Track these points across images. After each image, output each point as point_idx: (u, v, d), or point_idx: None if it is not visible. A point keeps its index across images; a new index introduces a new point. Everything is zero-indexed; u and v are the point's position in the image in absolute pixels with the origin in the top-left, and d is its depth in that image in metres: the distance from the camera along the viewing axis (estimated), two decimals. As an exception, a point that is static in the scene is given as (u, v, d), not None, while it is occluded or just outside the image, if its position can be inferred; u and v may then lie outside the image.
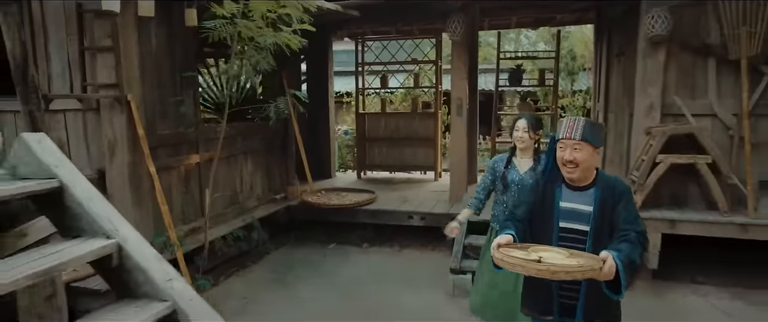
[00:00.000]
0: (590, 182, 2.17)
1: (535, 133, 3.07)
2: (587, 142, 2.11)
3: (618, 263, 1.85)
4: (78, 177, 1.97)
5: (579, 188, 2.17)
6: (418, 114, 7.51)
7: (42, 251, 1.72)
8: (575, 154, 2.11)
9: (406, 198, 6.10)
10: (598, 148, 2.16)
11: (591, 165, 2.16)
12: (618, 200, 2.11)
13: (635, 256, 1.95)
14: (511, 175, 3.12)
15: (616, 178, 2.25)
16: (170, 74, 4.24)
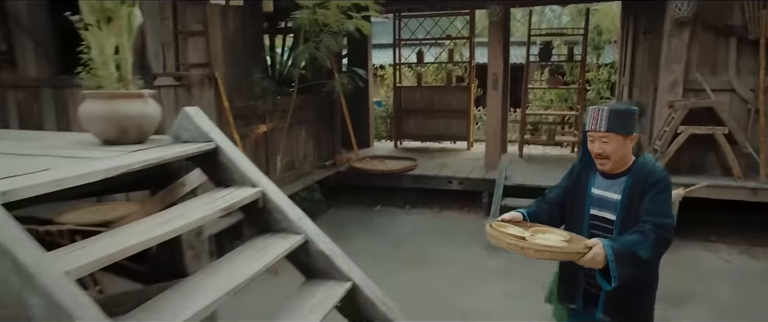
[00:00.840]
0: (624, 170, 2.09)
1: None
2: (614, 133, 2.02)
3: (608, 252, 1.81)
4: (225, 140, 2.57)
5: (612, 175, 2.10)
6: (451, 87, 8.00)
7: (214, 195, 2.33)
8: (604, 146, 2.03)
9: (445, 164, 6.68)
10: (629, 136, 2.04)
11: (623, 155, 2.06)
12: (647, 190, 2.00)
13: (640, 249, 1.86)
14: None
15: (655, 167, 2.11)
16: (244, 54, 4.82)
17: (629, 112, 2.08)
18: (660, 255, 1.99)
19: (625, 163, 2.09)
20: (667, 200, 2.00)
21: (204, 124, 2.56)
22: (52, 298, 1.36)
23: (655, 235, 1.89)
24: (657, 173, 2.04)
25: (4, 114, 5.24)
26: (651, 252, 1.89)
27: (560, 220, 2.22)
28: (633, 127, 2.08)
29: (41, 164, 1.99)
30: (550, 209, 2.25)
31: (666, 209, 1.98)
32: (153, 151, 2.28)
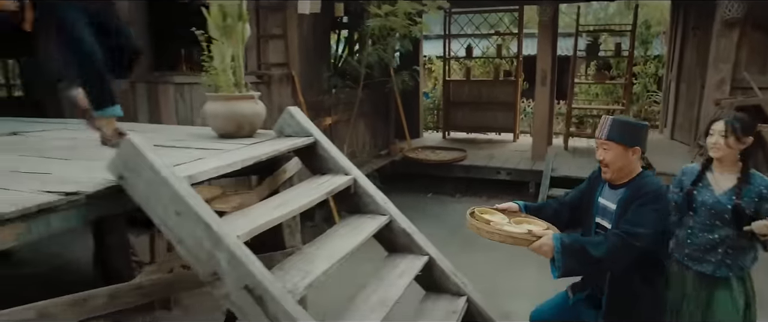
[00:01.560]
0: (626, 182, 2.16)
1: (738, 141, 2.19)
2: (615, 142, 2.10)
3: (556, 244, 1.98)
4: (321, 134, 3.06)
5: (616, 186, 2.19)
6: (499, 81, 8.31)
7: (317, 182, 2.83)
8: (604, 154, 2.14)
9: (493, 155, 7.05)
10: (631, 147, 2.10)
11: (624, 165, 2.13)
12: (636, 201, 2.07)
13: (594, 248, 1.99)
14: (702, 195, 2.28)
15: (650, 181, 2.14)
16: (314, 53, 5.32)
17: (634, 125, 2.19)
18: (620, 260, 2.05)
19: (626, 174, 2.16)
20: (648, 213, 2.04)
21: (304, 121, 3.06)
22: (233, 254, 1.88)
23: (618, 239, 2.00)
24: (648, 186, 2.10)
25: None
26: (606, 254, 1.99)
27: (569, 221, 2.35)
28: (636, 141, 2.14)
29: (189, 153, 2.53)
30: (559, 208, 2.40)
31: (642, 219, 2.03)
32: (268, 145, 2.79)
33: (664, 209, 2.14)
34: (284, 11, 4.65)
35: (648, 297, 2.19)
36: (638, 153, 2.16)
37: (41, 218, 1.77)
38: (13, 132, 3.38)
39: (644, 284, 2.18)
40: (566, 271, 2.03)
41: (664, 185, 2.18)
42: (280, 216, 2.31)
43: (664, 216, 2.14)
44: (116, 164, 1.99)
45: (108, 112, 2.50)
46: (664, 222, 2.15)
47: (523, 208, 2.40)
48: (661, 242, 2.22)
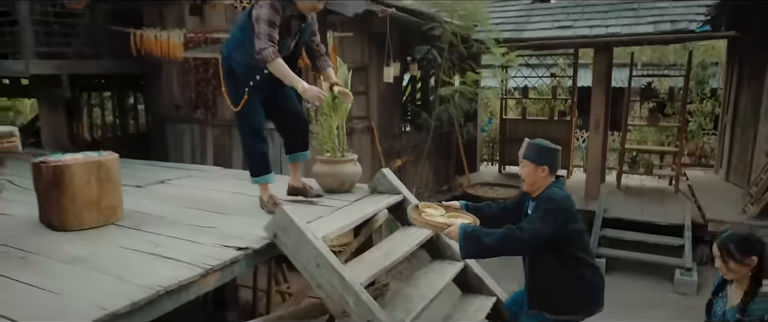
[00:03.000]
0: (537, 195, 2.62)
1: (739, 263, 2.10)
2: (528, 161, 2.60)
3: (460, 231, 2.49)
4: (407, 192, 3.73)
5: (533, 198, 2.67)
6: (554, 120, 8.77)
7: (407, 232, 3.49)
8: (521, 170, 2.67)
9: (547, 194, 7.50)
10: (540, 166, 2.56)
11: (535, 180, 2.60)
12: (537, 207, 2.55)
13: (487, 237, 2.45)
14: (717, 305, 2.32)
15: (554, 194, 2.54)
16: (390, 105, 6.04)
17: (544, 148, 2.63)
18: (508, 248, 2.49)
19: (538, 188, 2.62)
20: (542, 217, 2.47)
21: (394, 181, 3.75)
22: (358, 297, 2.55)
23: (508, 232, 2.46)
24: (548, 196, 2.54)
25: (203, 143, 6.90)
26: (496, 241, 2.45)
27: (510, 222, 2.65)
28: (545, 161, 2.59)
29: (310, 211, 3.24)
30: (499, 212, 2.89)
31: (533, 219, 2.51)
32: (370, 203, 3.47)
33: (555, 210, 2.50)
34: (367, 71, 5.40)
35: (563, 285, 2.61)
36: (547, 171, 2.61)
37: (228, 268, 2.51)
38: (160, 180, 4.26)
39: (558, 273, 2.60)
40: (467, 253, 2.56)
41: (561, 194, 2.57)
42: (390, 264, 3.00)
43: (553, 217, 2.48)
44: (272, 226, 2.72)
45: (262, 179, 3.23)
46: (554, 222, 2.48)
47: (464, 206, 2.93)
48: (562, 237, 2.54)
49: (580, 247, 2.67)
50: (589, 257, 2.71)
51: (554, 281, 2.62)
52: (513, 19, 7.03)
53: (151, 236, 2.78)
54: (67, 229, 2.89)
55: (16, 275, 2.28)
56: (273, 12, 2.82)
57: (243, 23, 2.99)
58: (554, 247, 2.56)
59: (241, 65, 3.04)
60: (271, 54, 2.82)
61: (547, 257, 2.61)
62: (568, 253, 2.60)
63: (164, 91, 7.07)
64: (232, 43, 3.08)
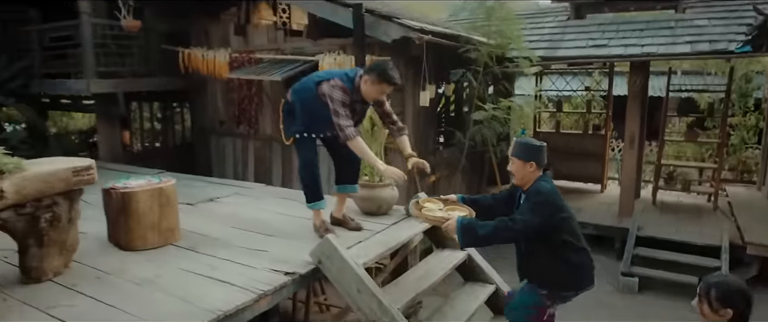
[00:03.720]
0: (527, 189, 2.86)
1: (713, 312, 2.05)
2: (516, 157, 2.84)
3: (457, 225, 2.72)
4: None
5: (524, 191, 2.90)
6: (588, 135, 8.76)
7: (442, 256, 3.67)
8: (511, 166, 2.90)
9: (580, 208, 7.50)
10: (527, 162, 2.80)
11: (523, 175, 2.84)
12: (527, 200, 2.79)
13: (480, 228, 2.69)
14: None
15: (542, 188, 2.77)
16: (424, 123, 6.22)
17: (529, 145, 2.88)
18: (501, 237, 2.75)
19: (527, 182, 2.86)
20: (531, 209, 2.72)
21: (429, 206, 3.91)
22: (394, 318, 2.75)
23: (500, 223, 2.70)
24: (536, 189, 2.78)
25: (245, 156, 7.25)
26: (489, 233, 2.69)
27: (502, 214, 2.88)
28: (531, 157, 2.82)
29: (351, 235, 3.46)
30: (494, 203, 3.13)
31: (526, 212, 2.72)
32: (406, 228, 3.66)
33: (543, 202, 2.73)
34: (403, 92, 5.60)
35: (553, 268, 2.84)
36: (534, 166, 2.84)
37: (277, 292, 2.75)
38: (210, 198, 4.58)
39: (548, 258, 2.83)
40: (465, 243, 2.80)
41: (547, 187, 2.79)
42: (426, 288, 3.19)
43: (540, 208, 2.72)
44: (317, 253, 2.95)
45: (315, 205, 3.47)
46: (542, 213, 2.71)
47: (461, 199, 3.14)
48: (551, 227, 2.75)
49: (568, 233, 2.86)
50: (577, 241, 2.90)
51: (544, 265, 2.86)
52: (547, 37, 7.08)
53: (207, 259, 3.05)
54: (133, 249, 3.20)
55: (95, 293, 2.59)
56: (343, 95, 3.10)
57: (312, 95, 3.18)
58: (543, 235, 2.79)
59: (305, 124, 3.30)
60: (352, 133, 3.10)
61: (537, 244, 2.85)
62: (556, 240, 2.82)
63: (209, 106, 7.46)
64: (298, 100, 3.29)
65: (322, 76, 3.22)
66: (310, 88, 3.20)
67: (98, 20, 6.36)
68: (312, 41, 6.18)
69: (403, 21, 4.94)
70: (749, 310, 2.00)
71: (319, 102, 3.16)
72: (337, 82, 3.11)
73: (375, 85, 3.10)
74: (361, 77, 3.15)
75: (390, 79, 3.07)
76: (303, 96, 3.25)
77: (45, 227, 2.71)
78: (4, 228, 2.64)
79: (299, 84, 3.34)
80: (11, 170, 2.54)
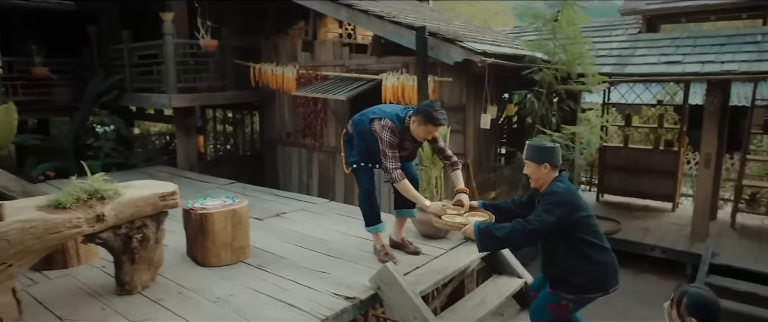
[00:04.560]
0: (544, 191, 2.89)
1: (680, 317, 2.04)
2: (529, 160, 2.90)
3: (475, 229, 2.83)
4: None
5: (540, 193, 2.93)
6: (659, 150, 8.36)
7: (499, 282, 3.71)
8: (526, 169, 2.95)
9: (648, 229, 7.21)
10: (541, 164, 2.85)
11: (538, 177, 2.88)
12: (542, 200, 2.84)
13: (497, 231, 2.79)
14: None
15: (557, 188, 2.81)
16: (485, 141, 6.23)
17: (541, 148, 2.94)
18: (517, 240, 2.84)
19: (543, 183, 2.90)
20: (546, 210, 2.76)
21: (487, 232, 3.96)
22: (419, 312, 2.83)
23: (517, 225, 2.77)
24: (551, 190, 2.82)
25: (309, 167, 7.55)
26: (506, 235, 2.78)
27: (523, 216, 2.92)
28: (545, 159, 2.86)
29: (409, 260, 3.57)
30: (514, 207, 3.17)
31: (541, 213, 2.77)
32: (465, 253, 3.72)
33: (558, 201, 2.77)
34: (464, 111, 5.64)
35: (574, 267, 2.85)
36: (548, 168, 2.88)
37: (338, 317, 2.91)
38: (277, 213, 4.85)
39: (569, 257, 2.85)
40: (482, 247, 2.90)
41: (562, 187, 2.82)
42: (482, 315, 3.25)
43: (555, 208, 2.75)
44: (376, 280, 3.08)
45: (374, 229, 3.63)
46: (557, 212, 2.75)
47: (482, 205, 3.27)
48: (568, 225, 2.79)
49: (588, 231, 2.87)
50: (598, 240, 2.90)
51: (566, 264, 2.88)
52: (616, 51, 6.85)
53: (275, 279, 3.28)
54: (208, 265, 3.49)
55: (177, 309, 2.87)
56: (392, 137, 3.23)
57: (367, 130, 3.34)
58: (562, 234, 2.82)
59: (362, 154, 3.48)
60: (399, 176, 3.22)
61: (556, 243, 2.88)
62: (576, 238, 2.84)
63: (277, 118, 7.84)
64: (356, 132, 3.46)
65: (376, 114, 3.33)
66: (365, 124, 3.35)
67: (180, 40, 6.87)
68: (376, 58, 6.35)
69: (465, 44, 4.99)
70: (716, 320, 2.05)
71: (372, 138, 3.31)
72: (388, 123, 3.22)
73: (422, 126, 3.18)
74: (410, 117, 3.24)
75: (435, 120, 3.13)
76: (360, 129, 3.41)
77: (136, 247, 3.03)
78: (104, 245, 2.97)
79: (357, 117, 3.49)
80: (111, 196, 2.86)
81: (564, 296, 2.95)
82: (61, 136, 7.58)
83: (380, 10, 5.78)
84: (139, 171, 7.23)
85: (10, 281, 2.65)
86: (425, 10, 8.13)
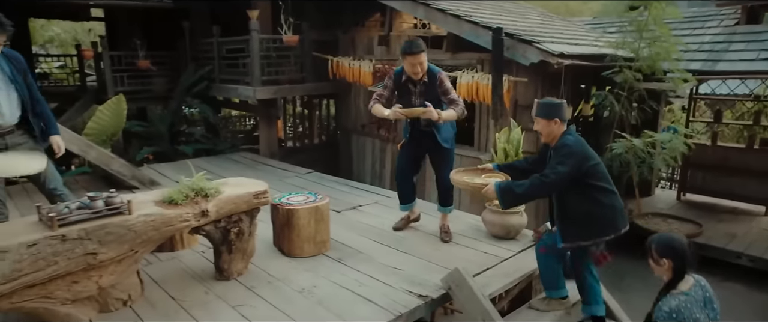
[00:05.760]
0: (555, 143, 3.05)
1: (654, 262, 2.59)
2: (539, 117, 3.05)
3: (496, 188, 3.03)
4: (570, 248, 3.98)
5: (551, 146, 3.09)
6: (753, 150, 7.80)
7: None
8: (536, 126, 3.10)
9: (735, 235, 6.80)
10: (551, 119, 3.00)
11: (549, 132, 3.05)
12: (555, 154, 2.99)
13: (517, 187, 2.99)
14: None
15: (567, 141, 2.98)
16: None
17: (550, 104, 3.06)
18: (536, 193, 3.02)
19: (554, 138, 3.06)
20: (560, 161, 2.92)
21: (557, 236, 4.01)
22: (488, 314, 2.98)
23: (536, 180, 2.95)
24: (562, 143, 2.98)
25: (383, 157, 7.82)
26: (526, 190, 2.97)
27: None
28: (554, 114, 3.01)
29: (481, 258, 3.72)
30: (528, 166, 3.35)
31: (555, 166, 2.93)
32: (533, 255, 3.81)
33: (570, 153, 2.92)
34: (536, 110, 5.61)
35: (588, 214, 3.00)
36: (558, 122, 3.04)
37: (411, 313, 3.13)
38: (353, 206, 5.15)
39: (582, 204, 2.99)
40: (505, 204, 3.10)
41: (572, 139, 2.99)
42: (549, 319, 3.35)
43: (568, 159, 2.91)
44: (448, 280, 3.27)
45: (402, 207, 4.15)
46: (570, 163, 2.90)
47: (496, 167, 3.52)
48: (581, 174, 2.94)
49: (599, 178, 3.03)
50: (607, 185, 3.05)
51: (579, 212, 3.03)
52: (707, 46, 6.44)
53: (354, 274, 3.55)
54: (293, 256, 3.84)
55: (268, 297, 3.22)
56: (388, 79, 4.03)
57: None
58: (575, 183, 2.98)
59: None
60: (370, 103, 3.99)
61: (570, 193, 3.03)
62: (588, 185, 3.00)
63: (352, 109, 8.15)
64: None
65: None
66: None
67: (264, 36, 7.30)
68: (451, 54, 6.42)
69: (542, 46, 4.96)
70: (682, 262, 2.45)
71: None
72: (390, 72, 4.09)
73: (404, 61, 3.74)
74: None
75: (404, 50, 3.71)
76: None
77: (233, 239, 3.41)
78: (207, 237, 3.38)
79: None
80: (213, 194, 3.24)
81: (580, 244, 3.11)
82: (159, 122, 8.35)
83: (457, 7, 5.84)
84: (226, 157, 7.85)
85: (136, 265, 3.11)
86: (500, 2, 8.03)
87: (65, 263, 2.68)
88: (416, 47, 3.68)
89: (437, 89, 3.86)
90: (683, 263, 2.46)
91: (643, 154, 5.17)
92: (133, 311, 3.07)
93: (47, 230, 2.66)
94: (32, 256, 2.55)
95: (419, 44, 3.71)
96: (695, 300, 2.44)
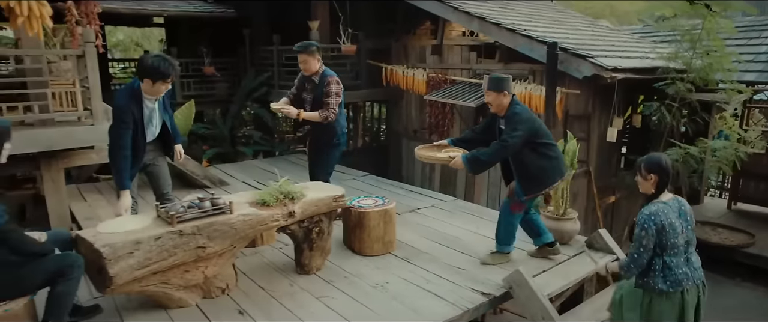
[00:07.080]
0: (503, 114, 3.58)
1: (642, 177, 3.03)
2: (491, 91, 3.53)
3: (463, 159, 3.53)
4: (620, 252, 4.20)
5: (502, 116, 3.61)
6: (808, 159, 7.70)
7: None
8: (486, 99, 3.61)
9: (776, 246, 6.78)
10: (501, 92, 3.50)
11: (500, 103, 3.55)
12: (507, 122, 3.51)
13: (483, 155, 3.49)
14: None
15: (517, 109, 3.53)
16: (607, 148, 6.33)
17: (498, 79, 3.56)
18: (498, 157, 3.58)
19: (503, 108, 3.58)
20: (514, 127, 3.46)
21: (610, 242, 4.26)
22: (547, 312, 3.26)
23: (498, 146, 3.49)
24: (513, 111, 3.52)
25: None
26: (490, 157, 3.52)
27: (485, 142, 3.65)
28: (502, 87, 3.53)
29: (535, 261, 4.00)
30: (476, 136, 3.89)
31: (510, 131, 3.45)
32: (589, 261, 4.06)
33: (522, 119, 3.47)
34: (589, 120, 5.82)
35: (541, 168, 3.60)
36: (507, 95, 3.56)
37: (476, 309, 3.45)
38: (412, 209, 5.49)
39: (535, 161, 3.58)
40: (473, 170, 3.62)
41: (520, 107, 3.56)
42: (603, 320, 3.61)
43: (521, 124, 3.46)
44: (509, 280, 3.57)
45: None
46: (523, 127, 3.46)
47: (451, 142, 4.00)
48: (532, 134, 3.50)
49: (544, 136, 3.61)
50: (550, 141, 3.64)
51: (536, 166, 3.60)
52: (764, 56, 6.46)
53: (421, 272, 3.90)
54: (364, 254, 4.21)
55: (346, 289, 3.60)
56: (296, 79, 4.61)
57: None
58: (527, 143, 3.53)
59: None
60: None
61: (526, 152, 3.57)
62: (537, 143, 3.57)
63: (404, 115, 8.50)
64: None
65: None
66: None
67: (324, 45, 7.74)
68: (503, 64, 6.68)
69: (595, 61, 5.17)
70: (666, 177, 2.91)
71: None
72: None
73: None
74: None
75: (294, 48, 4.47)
76: None
77: (314, 237, 3.81)
78: (291, 235, 3.79)
79: None
80: (298, 197, 3.65)
81: (541, 192, 3.74)
82: (221, 125, 8.93)
83: (511, 21, 6.10)
84: (282, 158, 8.34)
85: (233, 258, 3.56)
86: (551, 12, 8.21)
87: (182, 254, 3.14)
88: (301, 47, 4.35)
89: (323, 90, 4.40)
90: (667, 178, 2.92)
91: (696, 163, 5.29)
92: (230, 298, 3.51)
93: (168, 226, 3.12)
94: (158, 247, 3.01)
95: (306, 45, 4.36)
96: (671, 209, 2.91)
